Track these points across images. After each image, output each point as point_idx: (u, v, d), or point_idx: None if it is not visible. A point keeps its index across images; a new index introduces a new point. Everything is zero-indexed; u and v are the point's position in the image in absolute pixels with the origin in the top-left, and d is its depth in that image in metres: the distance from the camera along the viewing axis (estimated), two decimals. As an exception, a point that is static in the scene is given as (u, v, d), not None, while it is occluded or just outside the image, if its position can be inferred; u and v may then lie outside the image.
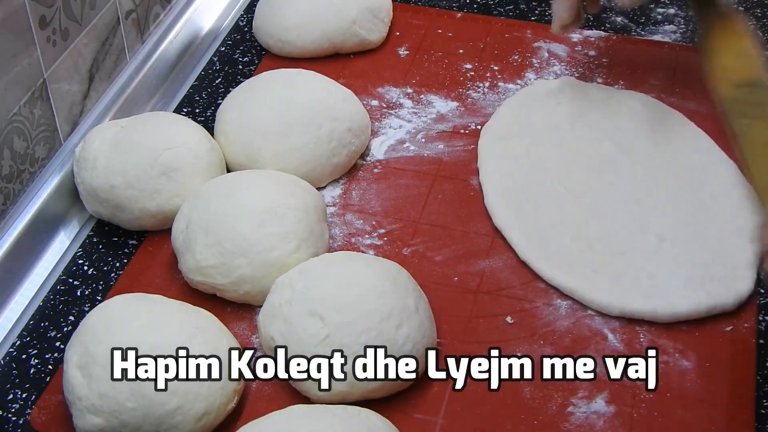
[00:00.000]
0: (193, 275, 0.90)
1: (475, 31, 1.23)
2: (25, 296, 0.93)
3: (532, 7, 1.27)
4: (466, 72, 1.17)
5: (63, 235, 0.99)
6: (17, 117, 0.93)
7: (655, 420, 0.82)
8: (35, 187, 0.98)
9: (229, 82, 1.16)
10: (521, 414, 0.83)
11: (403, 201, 1.02)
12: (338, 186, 1.03)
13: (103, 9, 1.04)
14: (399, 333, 0.81)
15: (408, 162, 1.06)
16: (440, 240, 0.98)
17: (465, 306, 0.92)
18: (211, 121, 1.09)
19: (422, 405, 0.84)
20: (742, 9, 1.26)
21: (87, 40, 1.02)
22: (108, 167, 0.95)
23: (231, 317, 0.90)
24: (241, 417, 0.83)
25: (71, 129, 1.03)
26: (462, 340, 0.89)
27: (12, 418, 0.83)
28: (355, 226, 0.99)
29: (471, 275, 0.94)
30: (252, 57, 1.20)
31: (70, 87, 1.01)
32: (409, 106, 1.13)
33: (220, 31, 1.25)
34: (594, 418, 0.83)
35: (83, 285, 0.94)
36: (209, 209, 0.90)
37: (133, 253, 0.97)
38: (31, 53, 0.93)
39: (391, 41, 1.21)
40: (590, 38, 1.22)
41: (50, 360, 0.88)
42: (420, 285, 0.90)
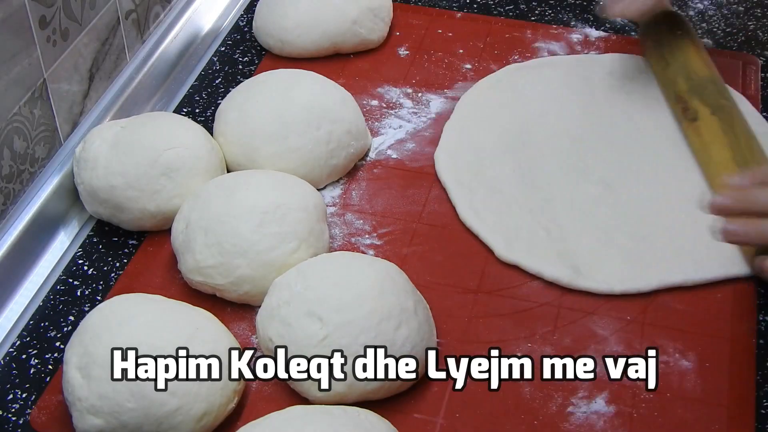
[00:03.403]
0: (193, 275, 0.90)
1: (475, 31, 1.23)
2: (25, 296, 0.93)
3: (532, 7, 1.27)
4: (466, 72, 1.17)
5: (63, 235, 0.99)
6: (17, 117, 0.93)
7: (655, 420, 0.82)
8: (35, 187, 0.98)
9: (229, 82, 1.16)
10: (521, 414, 0.83)
11: (403, 201, 1.02)
12: (338, 186, 1.03)
13: (103, 9, 1.04)
14: (398, 334, 0.81)
15: (408, 162, 1.06)
16: (440, 240, 0.98)
17: (465, 306, 0.91)
18: (211, 121, 1.09)
19: (422, 405, 0.84)
20: (742, 9, 1.26)
21: (87, 40, 1.02)
22: (108, 168, 0.95)
23: (231, 317, 0.90)
24: (241, 417, 0.83)
25: (71, 129, 1.03)
26: (462, 340, 0.89)
27: (12, 418, 0.83)
28: (355, 226, 0.99)
29: (471, 275, 0.94)
30: (252, 57, 1.20)
31: (70, 87, 1.01)
32: (409, 106, 1.13)
33: (220, 31, 1.25)
34: (594, 418, 0.83)
35: (83, 285, 0.94)
36: (209, 209, 0.90)
37: (133, 253, 0.97)
38: (31, 53, 0.93)
39: (391, 41, 1.21)
40: (590, 38, 1.22)
41: (50, 360, 0.88)
42: (420, 285, 0.90)
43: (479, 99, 1.12)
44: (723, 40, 1.22)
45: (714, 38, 1.22)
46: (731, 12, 1.26)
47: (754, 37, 1.22)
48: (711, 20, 1.25)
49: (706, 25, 1.24)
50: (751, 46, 1.21)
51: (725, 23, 1.24)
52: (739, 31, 1.23)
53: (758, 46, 1.21)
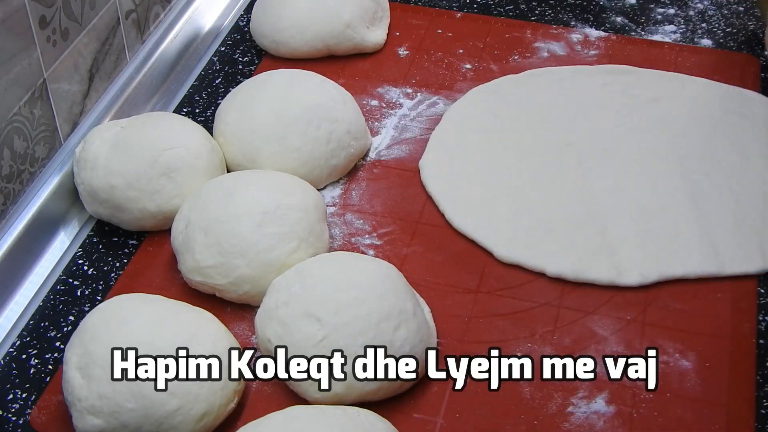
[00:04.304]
0: (193, 275, 0.90)
1: (475, 31, 1.23)
2: (25, 296, 0.93)
3: (532, 7, 1.27)
4: (466, 72, 1.17)
5: (63, 235, 0.99)
6: (17, 117, 0.93)
7: (655, 420, 0.82)
8: (35, 187, 0.98)
9: (229, 82, 1.16)
10: (521, 414, 0.83)
11: (403, 201, 1.02)
12: (338, 186, 1.03)
13: (103, 9, 1.04)
14: (397, 335, 0.81)
15: (408, 162, 1.06)
16: (440, 240, 0.98)
17: (465, 306, 0.91)
18: (211, 121, 1.09)
19: (422, 405, 0.84)
20: (742, 9, 1.26)
21: (87, 40, 1.02)
22: (108, 168, 0.95)
23: (231, 317, 0.90)
24: (241, 417, 0.83)
25: (71, 129, 1.03)
26: (462, 340, 0.89)
27: (12, 418, 0.83)
28: (355, 226, 0.99)
29: (471, 275, 0.94)
30: (252, 57, 1.20)
31: (70, 87, 1.01)
32: (409, 106, 1.13)
33: (220, 31, 1.25)
34: (594, 418, 0.83)
35: (83, 285, 0.94)
36: (209, 209, 0.90)
37: (133, 254, 0.97)
38: (31, 53, 0.93)
39: (391, 41, 1.21)
40: (590, 38, 1.22)
41: (50, 360, 0.88)
42: (420, 285, 0.90)
43: (466, 110, 1.11)
44: (723, 40, 1.22)
45: (714, 38, 1.22)
46: (731, 12, 1.26)
47: (754, 37, 1.22)
48: (711, 20, 1.25)
49: (706, 25, 1.24)
50: (751, 46, 1.21)
51: (725, 23, 1.24)
52: (739, 31, 1.23)
53: (758, 46, 1.21)
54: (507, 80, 1.15)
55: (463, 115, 1.10)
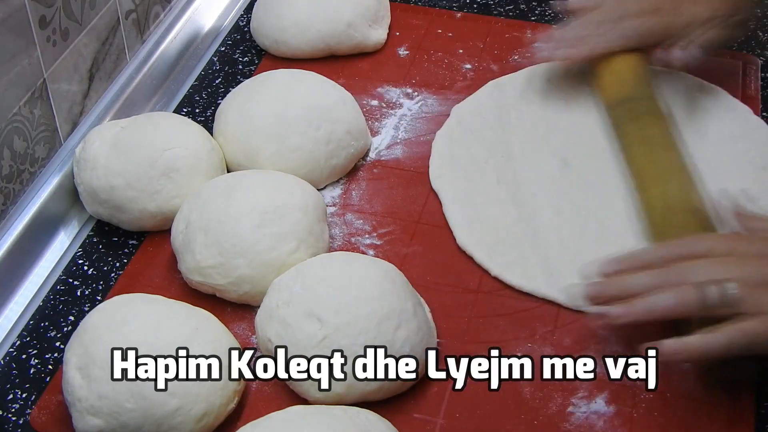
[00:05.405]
0: (193, 275, 0.90)
1: (475, 31, 1.23)
2: (25, 296, 0.93)
3: (532, 7, 1.27)
4: (466, 72, 1.17)
5: (63, 235, 0.99)
6: (17, 117, 0.93)
7: (655, 420, 0.82)
8: (35, 187, 0.98)
9: (229, 82, 1.16)
10: (521, 414, 0.83)
11: (403, 201, 1.02)
12: (338, 186, 1.03)
13: (103, 9, 1.04)
14: (397, 335, 0.81)
15: (408, 162, 1.06)
16: (440, 240, 0.98)
17: (465, 306, 0.91)
18: (211, 121, 1.09)
19: (422, 405, 0.84)
20: (742, 9, 1.26)
21: (87, 40, 1.02)
22: (108, 168, 0.96)
23: (231, 317, 0.90)
24: (241, 417, 0.83)
25: (71, 129, 1.03)
26: (462, 340, 0.89)
27: (12, 418, 0.83)
28: (355, 226, 0.99)
29: (471, 275, 0.94)
30: (252, 57, 1.20)
31: (70, 87, 1.01)
32: (409, 106, 1.13)
33: (220, 31, 1.25)
34: (594, 418, 0.83)
35: (83, 285, 0.94)
36: (209, 209, 0.90)
37: (133, 254, 0.97)
38: (31, 53, 0.93)
39: (391, 41, 1.21)
40: (590, 38, 1.21)
41: (50, 360, 0.88)
42: (420, 285, 0.90)
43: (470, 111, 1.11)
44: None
45: (714, 38, 1.22)
46: (731, 12, 1.26)
47: (754, 37, 1.22)
48: (711, 20, 1.25)
49: (706, 25, 1.24)
50: (751, 46, 1.21)
51: (725, 23, 1.24)
52: (739, 31, 1.23)
53: (758, 46, 1.21)
54: (510, 78, 1.15)
55: (469, 114, 1.10)
